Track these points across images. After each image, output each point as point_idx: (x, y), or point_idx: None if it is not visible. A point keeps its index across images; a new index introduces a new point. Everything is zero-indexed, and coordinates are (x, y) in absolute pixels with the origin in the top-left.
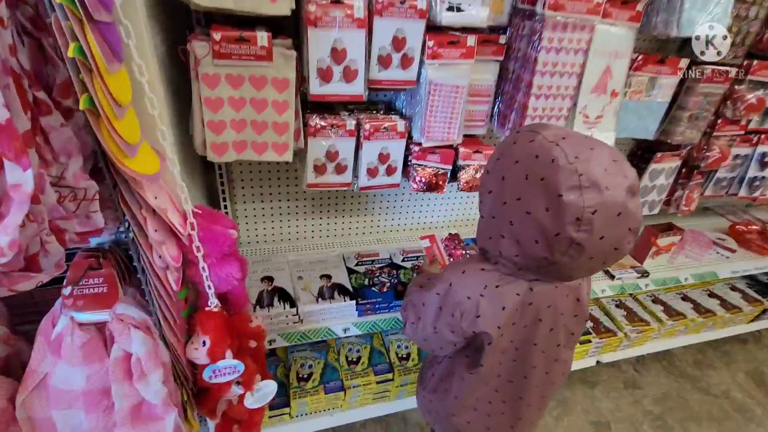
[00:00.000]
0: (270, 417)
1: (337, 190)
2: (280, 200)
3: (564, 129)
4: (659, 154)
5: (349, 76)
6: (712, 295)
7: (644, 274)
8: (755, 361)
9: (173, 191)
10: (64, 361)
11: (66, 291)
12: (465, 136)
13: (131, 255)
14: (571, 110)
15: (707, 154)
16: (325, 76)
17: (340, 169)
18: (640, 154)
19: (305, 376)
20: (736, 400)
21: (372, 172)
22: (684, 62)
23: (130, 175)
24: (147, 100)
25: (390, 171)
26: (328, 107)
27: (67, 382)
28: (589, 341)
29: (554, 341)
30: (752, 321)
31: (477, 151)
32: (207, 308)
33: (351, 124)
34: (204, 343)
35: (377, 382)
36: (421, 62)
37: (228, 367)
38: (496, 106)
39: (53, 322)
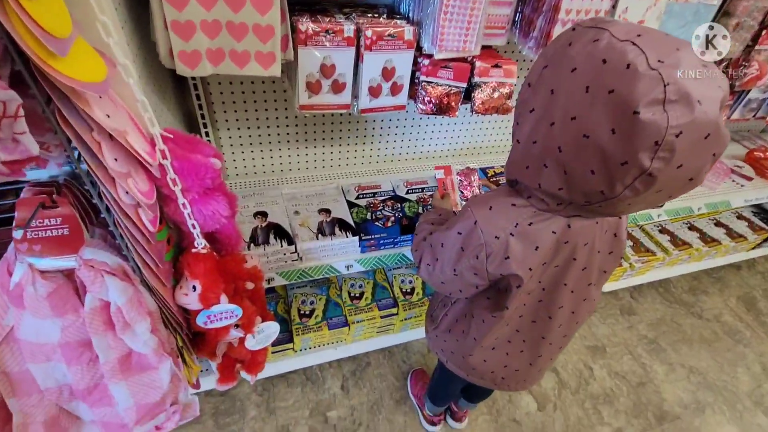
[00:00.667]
0: (273, 353)
1: (333, 113)
2: (269, 126)
3: (635, 25)
4: None
5: None
6: (718, 224)
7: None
8: (747, 287)
9: (133, 109)
10: (29, 313)
11: (17, 234)
12: (482, 47)
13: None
14: (609, 13)
15: (745, 71)
16: None
17: (337, 87)
18: None
19: (307, 312)
20: (727, 323)
21: (374, 91)
22: None
23: (63, 83)
24: None
25: (395, 90)
26: (320, 9)
27: (39, 334)
28: None
29: (586, 281)
30: (752, 249)
31: (496, 66)
32: (194, 250)
33: (349, 29)
34: (194, 288)
35: (381, 317)
36: None
37: (224, 312)
38: (518, 10)
39: (8, 270)
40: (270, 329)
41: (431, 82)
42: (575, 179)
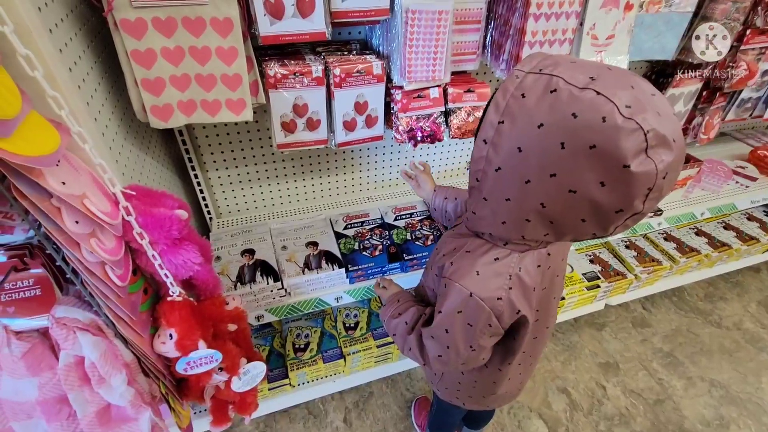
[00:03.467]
0: (270, 389)
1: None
2: (255, 163)
3: (570, 58)
4: (679, 76)
5: (304, 7)
6: (728, 227)
7: (657, 212)
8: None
9: (95, 171)
10: (5, 374)
11: None
12: (453, 73)
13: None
14: (576, 31)
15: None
16: (275, 10)
17: (312, 125)
18: (654, 78)
19: (302, 346)
20: (748, 330)
21: (349, 125)
22: None
23: (10, 161)
24: (21, 58)
25: (370, 122)
26: (290, 51)
27: (18, 393)
28: (598, 286)
29: (561, 282)
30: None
31: (469, 91)
32: (169, 298)
33: (317, 69)
34: (171, 336)
35: (378, 346)
36: None
37: (203, 358)
38: (488, 35)
39: None
40: (256, 369)
41: (410, 116)
42: (565, 227)
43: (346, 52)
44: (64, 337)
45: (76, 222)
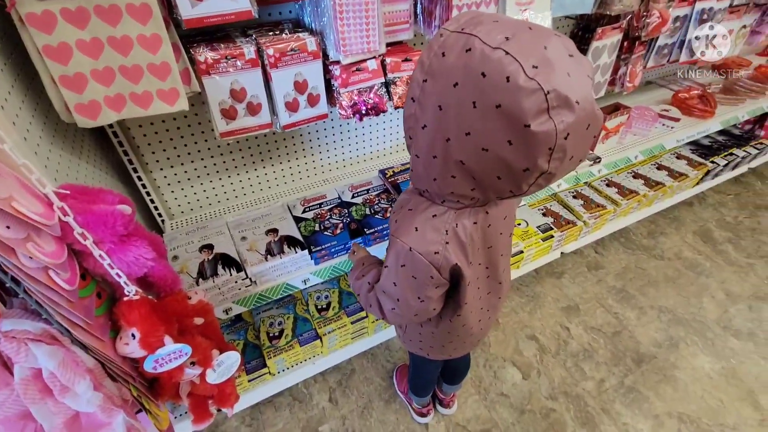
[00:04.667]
0: (250, 380)
1: (260, 134)
2: (202, 158)
3: (495, 17)
4: (600, 30)
5: None
6: (660, 167)
7: (596, 160)
8: (701, 221)
9: (20, 173)
10: None
11: None
12: (389, 44)
13: None
14: None
15: (647, 21)
16: None
17: (253, 109)
18: (581, 34)
19: (276, 333)
20: (687, 259)
21: (292, 106)
22: None
23: None
24: None
25: (313, 101)
26: (219, 36)
27: None
28: (551, 236)
29: (507, 240)
30: (697, 184)
31: (406, 60)
32: (125, 298)
33: (250, 51)
34: (133, 335)
35: (352, 323)
36: None
37: (172, 353)
38: (419, 2)
39: None
40: (230, 359)
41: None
42: (484, 183)
43: (278, 32)
44: (15, 350)
45: (7, 227)
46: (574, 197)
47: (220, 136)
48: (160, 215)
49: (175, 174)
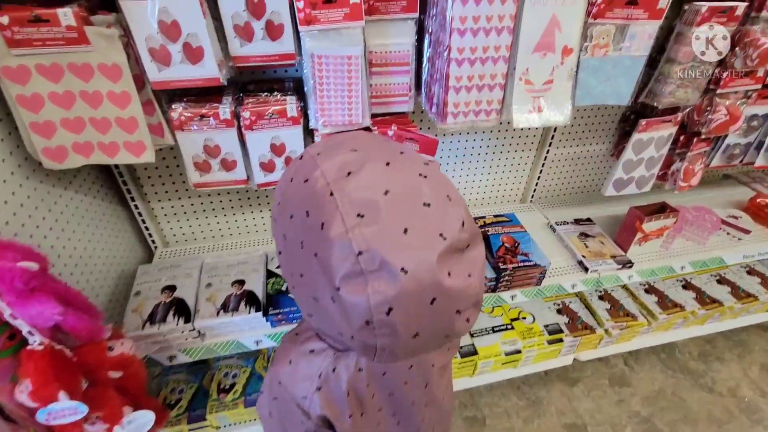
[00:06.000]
0: (190, 430)
1: None
2: (199, 195)
3: (364, 142)
4: (644, 122)
5: (192, 54)
6: (722, 280)
7: (627, 264)
8: None
9: None
10: None
11: None
12: (384, 114)
13: None
14: (508, 76)
15: (711, 117)
16: (162, 57)
17: (227, 165)
18: (634, 118)
19: (227, 386)
20: (745, 398)
21: (267, 167)
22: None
23: None
24: None
25: None
26: (211, 91)
27: None
28: (561, 340)
29: (424, 390)
30: None
31: (410, 140)
32: (28, 347)
33: (225, 112)
34: (27, 386)
35: None
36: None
37: (66, 409)
38: (425, 74)
39: None
40: (143, 418)
41: None
42: (333, 335)
43: (271, 93)
44: None
45: None
46: (600, 298)
47: (193, 186)
48: (153, 243)
49: (172, 207)
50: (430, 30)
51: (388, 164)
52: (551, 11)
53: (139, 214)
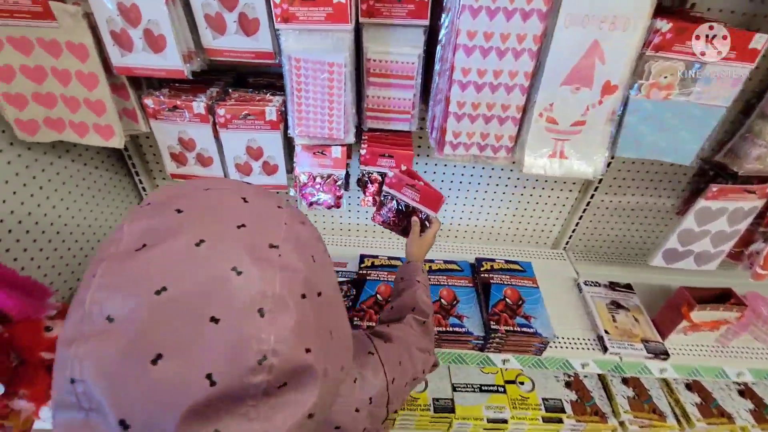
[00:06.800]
0: None
1: None
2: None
3: (202, 203)
4: (715, 188)
5: (154, 42)
6: None
7: (661, 355)
8: None
9: None
10: None
11: None
12: (382, 131)
13: None
14: (526, 110)
15: None
16: (123, 41)
17: (203, 161)
18: (712, 175)
19: None
20: None
21: (243, 169)
22: (762, 38)
23: None
24: None
25: (269, 169)
26: (199, 80)
27: None
28: (560, 421)
29: None
30: None
31: (386, 156)
32: None
33: (200, 106)
34: None
35: None
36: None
37: None
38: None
39: None
40: None
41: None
42: None
43: (263, 90)
44: None
45: None
46: (624, 381)
47: (170, 176)
48: None
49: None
50: (442, 42)
51: (198, 244)
52: (593, 36)
53: (144, 189)
